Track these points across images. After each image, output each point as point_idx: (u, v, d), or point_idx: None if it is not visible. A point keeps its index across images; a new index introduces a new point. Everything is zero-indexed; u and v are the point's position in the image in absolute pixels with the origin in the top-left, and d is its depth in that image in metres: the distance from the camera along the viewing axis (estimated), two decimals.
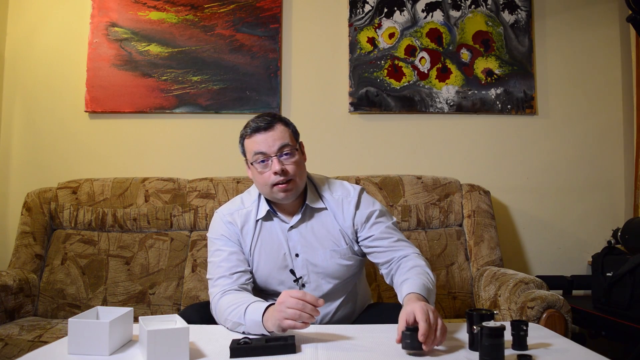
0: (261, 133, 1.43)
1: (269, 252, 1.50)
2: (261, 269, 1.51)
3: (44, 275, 2.23)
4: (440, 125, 2.60)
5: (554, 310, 1.69)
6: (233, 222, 1.51)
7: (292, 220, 1.51)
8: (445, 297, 2.18)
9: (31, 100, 2.61)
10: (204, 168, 2.51)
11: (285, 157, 1.42)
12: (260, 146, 1.42)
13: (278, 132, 1.43)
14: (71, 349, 1.10)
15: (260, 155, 1.42)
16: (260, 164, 1.43)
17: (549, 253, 2.57)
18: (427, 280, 1.34)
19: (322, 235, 1.50)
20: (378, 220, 1.52)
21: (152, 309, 2.16)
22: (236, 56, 2.58)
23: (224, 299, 1.36)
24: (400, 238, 1.52)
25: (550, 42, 2.65)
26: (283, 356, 1.10)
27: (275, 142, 1.42)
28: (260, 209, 1.52)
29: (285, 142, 1.43)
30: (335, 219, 1.51)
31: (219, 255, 1.47)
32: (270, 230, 1.51)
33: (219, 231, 1.51)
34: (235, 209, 1.54)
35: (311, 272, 1.50)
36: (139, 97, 2.56)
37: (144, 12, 2.58)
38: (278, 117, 1.48)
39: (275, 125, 1.44)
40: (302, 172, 1.47)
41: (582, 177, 2.61)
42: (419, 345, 1.08)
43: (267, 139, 1.42)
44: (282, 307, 1.17)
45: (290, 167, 1.42)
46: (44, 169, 2.57)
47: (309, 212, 1.52)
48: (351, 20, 2.60)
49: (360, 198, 1.54)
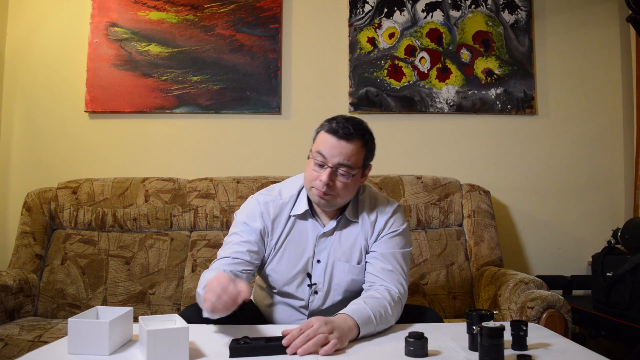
0: (335, 138, 1.37)
1: (294, 252, 1.47)
2: (282, 266, 1.48)
3: (44, 275, 2.23)
4: (440, 125, 2.61)
5: (554, 310, 1.69)
6: (266, 212, 1.47)
7: (327, 226, 1.48)
8: (445, 297, 2.18)
9: (31, 100, 2.61)
10: (204, 168, 2.52)
11: (339, 175, 1.38)
12: (326, 150, 1.37)
13: (349, 148, 1.37)
14: (71, 348, 1.10)
15: (320, 156, 1.38)
16: (315, 163, 1.40)
17: (549, 253, 2.57)
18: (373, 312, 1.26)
19: (347, 248, 1.48)
20: (390, 237, 1.47)
21: (152, 309, 2.16)
22: (236, 56, 2.58)
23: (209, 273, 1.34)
24: (395, 269, 1.43)
25: (550, 42, 2.65)
26: (283, 356, 1.10)
27: (340, 156, 1.36)
28: (297, 205, 1.48)
29: (348, 162, 1.37)
30: (363, 235, 1.48)
31: (234, 238, 1.45)
32: (301, 231, 1.48)
33: (247, 217, 1.47)
34: (272, 199, 1.49)
35: (327, 282, 1.47)
36: (139, 97, 2.56)
37: (144, 12, 2.58)
38: (362, 133, 1.40)
39: (353, 140, 1.37)
40: (348, 193, 1.42)
41: (582, 177, 2.61)
42: (422, 353, 1.08)
43: (334, 147, 1.37)
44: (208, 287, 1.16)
45: (338, 184, 1.38)
46: (44, 169, 2.57)
47: (343, 222, 1.49)
48: (351, 20, 2.60)
49: (394, 215, 1.50)
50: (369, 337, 1.26)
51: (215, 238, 2.27)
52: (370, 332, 1.25)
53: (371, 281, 1.43)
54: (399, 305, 1.37)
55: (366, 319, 1.24)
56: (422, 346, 1.08)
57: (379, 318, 1.27)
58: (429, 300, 2.17)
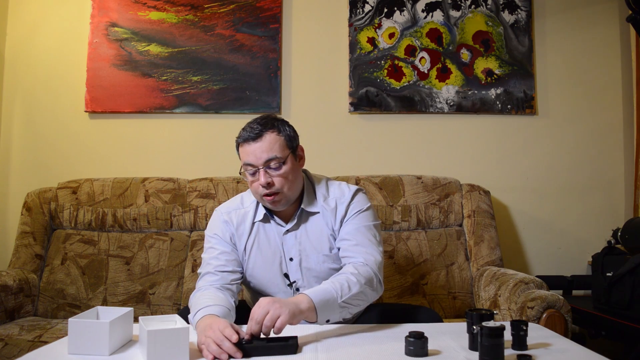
0: (250, 143, 1.40)
1: (265, 255, 1.50)
2: (257, 272, 1.51)
3: (44, 275, 2.23)
4: (440, 125, 2.61)
5: (554, 310, 1.69)
6: (229, 220, 1.51)
7: (287, 224, 1.50)
8: (445, 297, 2.18)
9: (31, 100, 2.61)
10: (204, 168, 2.52)
11: (272, 170, 1.40)
12: (249, 157, 1.40)
13: (266, 144, 1.39)
14: (71, 349, 1.10)
15: (248, 166, 1.41)
16: (249, 174, 1.42)
17: (549, 253, 2.57)
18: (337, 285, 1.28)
19: (315, 239, 1.50)
20: (353, 219, 1.48)
21: (152, 309, 2.16)
22: (236, 56, 2.58)
23: (200, 294, 1.37)
24: (361, 242, 1.44)
25: (550, 42, 2.65)
26: (283, 356, 1.10)
27: (263, 154, 1.38)
28: (259, 211, 1.52)
29: (273, 154, 1.39)
30: (326, 223, 1.49)
31: (211, 253, 1.49)
32: (267, 233, 1.51)
33: (214, 229, 1.52)
34: (233, 208, 1.54)
35: (305, 276, 1.49)
36: (139, 97, 2.56)
37: (144, 12, 2.58)
38: (270, 125, 1.42)
39: (265, 135, 1.39)
40: (292, 182, 1.43)
41: (582, 177, 2.61)
42: (422, 353, 1.08)
43: (255, 150, 1.39)
44: (207, 333, 1.13)
45: (277, 180, 1.40)
46: (44, 169, 2.57)
47: (304, 215, 1.51)
48: (351, 20, 2.60)
49: (354, 198, 1.51)
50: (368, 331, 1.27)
51: None
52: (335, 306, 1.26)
53: (342, 263, 1.46)
54: (366, 270, 1.36)
55: (321, 292, 1.26)
56: (422, 346, 1.08)
57: (339, 289, 1.27)
58: (429, 300, 2.17)
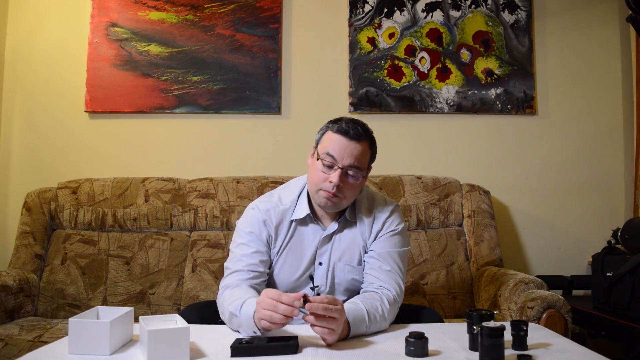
0: (346, 138, 1.37)
1: (295, 256, 1.48)
2: (283, 272, 1.48)
3: (44, 275, 2.23)
4: (440, 125, 2.61)
5: (554, 310, 1.69)
6: (269, 220, 1.47)
7: (328, 228, 1.48)
8: (445, 297, 2.18)
9: (31, 100, 2.61)
10: (204, 168, 2.52)
11: (349, 176, 1.39)
12: (336, 151, 1.37)
13: (359, 149, 1.38)
14: (71, 348, 1.10)
15: (330, 158, 1.38)
16: (324, 164, 1.39)
17: (549, 253, 2.57)
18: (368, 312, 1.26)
19: (348, 248, 1.48)
20: (387, 238, 1.47)
21: (152, 309, 2.16)
22: (236, 56, 2.58)
23: (231, 291, 1.35)
24: (392, 269, 1.43)
25: (550, 42, 2.65)
26: (284, 356, 1.10)
27: (350, 157, 1.37)
28: (298, 210, 1.48)
29: (357, 163, 1.38)
30: (361, 234, 1.49)
31: (244, 250, 1.44)
32: (302, 235, 1.48)
33: (251, 227, 1.47)
34: (272, 206, 1.49)
35: (329, 283, 1.48)
36: (139, 97, 2.56)
37: (144, 12, 2.58)
38: (369, 135, 1.42)
39: (362, 141, 1.39)
40: (353, 194, 1.43)
41: (582, 177, 2.61)
42: (422, 353, 1.08)
43: (346, 147, 1.37)
44: (259, 307, 1.16)
45: (347, 186, 1.39)
46: (44, 169, 2.56)
47: (343, 223, 1.49)
48: (351, 20, 2.60)
49: (392, 215, 1.50)
50: (366, 336, 1.26)
51: (215, 238, 2.27)
52: (361, 332, 1.25)
53: (369, 281, 1.43)
54: (395, 307, 1.37)
55: (360, 318, 1.25)
56: (422, 346, 1.08)
57: (372, 319, 1.27)
58: (429, 300, 2.17)
